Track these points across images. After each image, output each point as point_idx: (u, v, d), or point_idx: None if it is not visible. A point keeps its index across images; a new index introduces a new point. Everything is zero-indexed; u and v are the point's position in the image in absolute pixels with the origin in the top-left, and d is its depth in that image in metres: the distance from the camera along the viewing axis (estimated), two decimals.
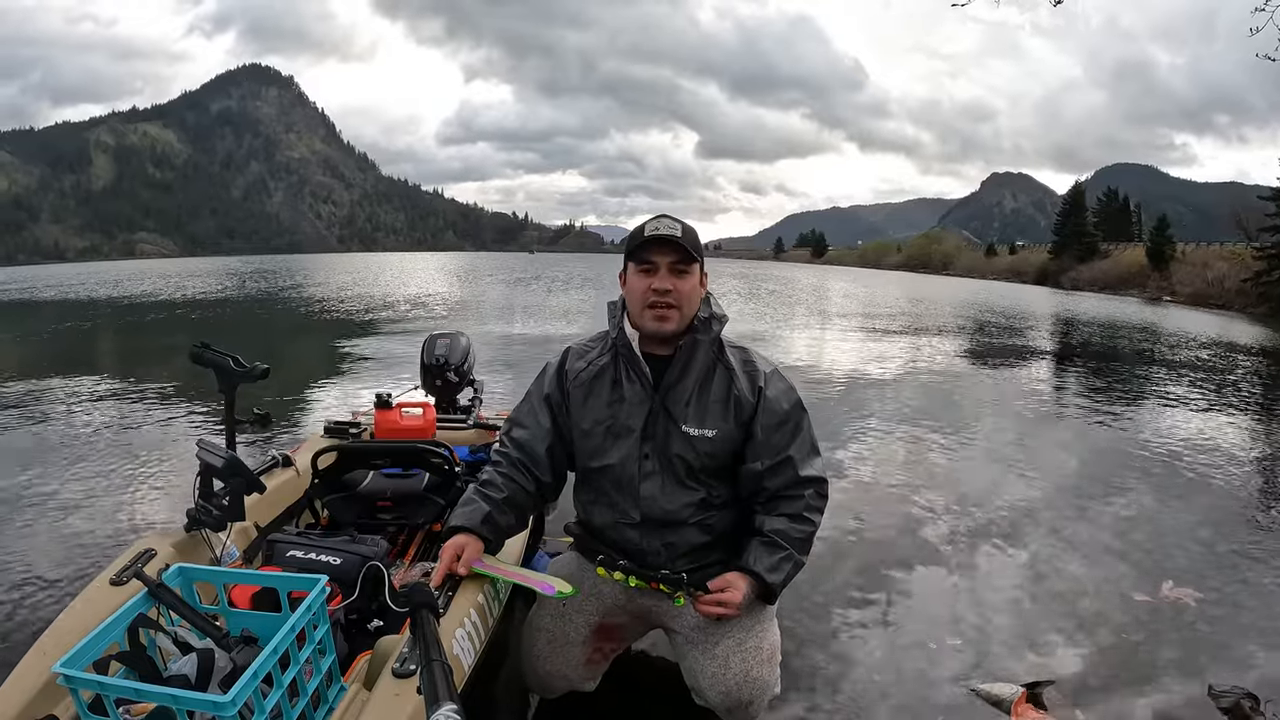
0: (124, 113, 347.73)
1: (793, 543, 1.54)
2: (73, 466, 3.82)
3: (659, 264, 1.50)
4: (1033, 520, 3.32)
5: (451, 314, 14.41)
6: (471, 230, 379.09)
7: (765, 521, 1.56)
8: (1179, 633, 2.28)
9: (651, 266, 1.51)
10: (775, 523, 1.55)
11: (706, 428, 1.53)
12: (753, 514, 1.59)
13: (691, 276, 1.53)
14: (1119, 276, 34.69)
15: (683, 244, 1.50)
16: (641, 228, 1.54)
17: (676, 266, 1.51)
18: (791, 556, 1.54)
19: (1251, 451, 4.94)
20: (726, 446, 1.55)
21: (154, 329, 12.47)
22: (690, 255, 1.51)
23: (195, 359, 2.04)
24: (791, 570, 1.55)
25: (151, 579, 1.28)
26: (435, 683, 0.85)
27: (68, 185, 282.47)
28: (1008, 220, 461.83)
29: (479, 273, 36.92)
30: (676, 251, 1.50)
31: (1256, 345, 12.89)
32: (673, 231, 1.50)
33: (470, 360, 3.30)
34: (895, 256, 70.77)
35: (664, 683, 1.82)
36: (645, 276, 1.52)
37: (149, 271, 39.45)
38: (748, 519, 1.61)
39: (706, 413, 1.54)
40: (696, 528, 1.56)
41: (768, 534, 1.54)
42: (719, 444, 1.54)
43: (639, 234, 1.54)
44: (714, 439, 1.53)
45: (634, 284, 1.54)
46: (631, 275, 1.55)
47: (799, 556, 1.56)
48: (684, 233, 1.51)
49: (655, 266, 1.51)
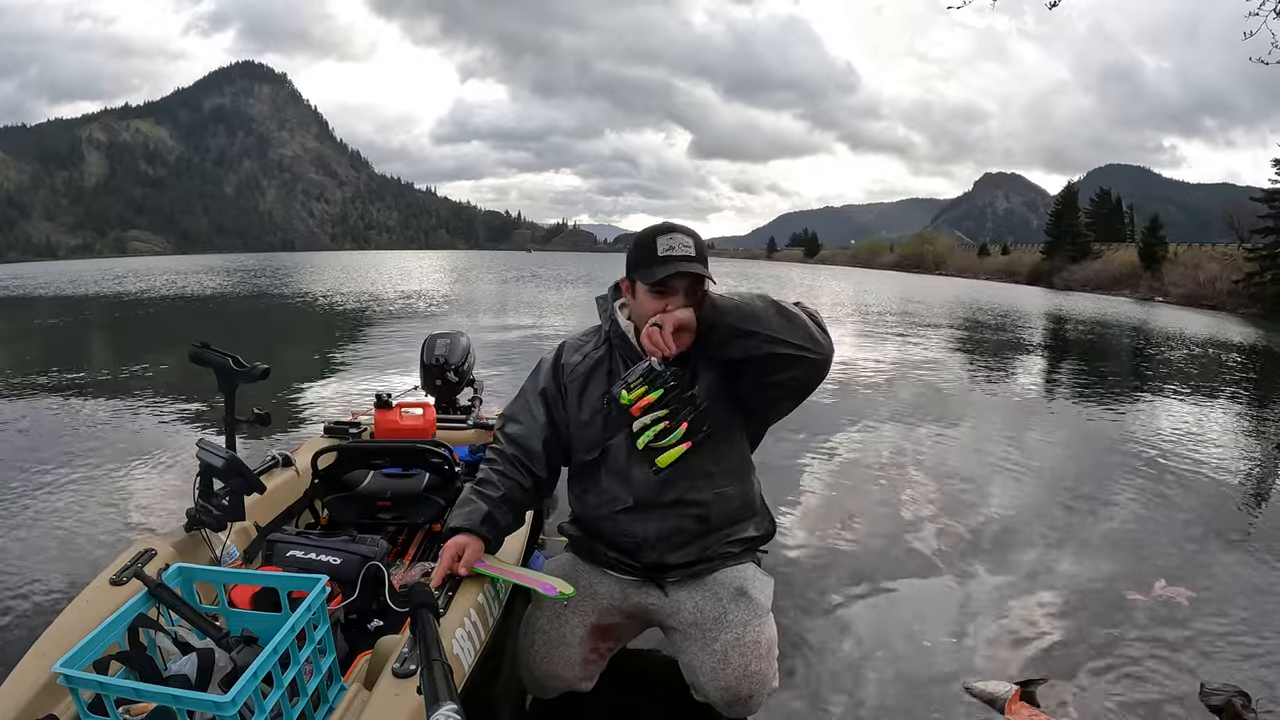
0: (116, 109, 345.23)
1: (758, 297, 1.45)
2: (72, 466, 3.79)
3: (677, 289, 1.46)
4: (1025, 519, 3.33)
5: (455, 311, 14.36)
6: (464, 229, 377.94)
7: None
8: (1171, 631, 2.30)
9: (668, 291, 1.46)
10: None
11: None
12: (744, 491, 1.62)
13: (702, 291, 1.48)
14: (1111, 277, 34.79)
15: (699, 266, 1.44)
16: (653, 240, 1.47)
17: (693, 288, 1.46)
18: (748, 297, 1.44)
19: (1244, 450, 4.98)
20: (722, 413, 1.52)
21: (152, 327, 12.39)
22: (706, 275, 1.46)
23: (195, 359, 2.04)
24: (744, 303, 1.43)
25: (151, 579, 1.28)
26: (435, 682, 0.86)
27: (59, 182, 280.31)
28: (1000, 221, 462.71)
29: (479, 271, 36.78)
30: (694, 277, 1.45)
31: (1248, 345, 12.97)
32: (687, 251, 1.44)
33: (470, 360, 3.31)
34: (888, 256, 70.84)
35: (662, 680, 1.82)
36: (659, 298, 1.46)
37: (144, 269, 39.17)
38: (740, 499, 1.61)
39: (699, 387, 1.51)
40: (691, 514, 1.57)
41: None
42: (715, 410, 1.50)
43: (649, 249, 1.46)
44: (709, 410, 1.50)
45: (645, 304, 1.48)
46: (642, 294, 1.49)
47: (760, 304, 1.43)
48: (697, 251, 1.46)
49: (673, 291, 1.46)
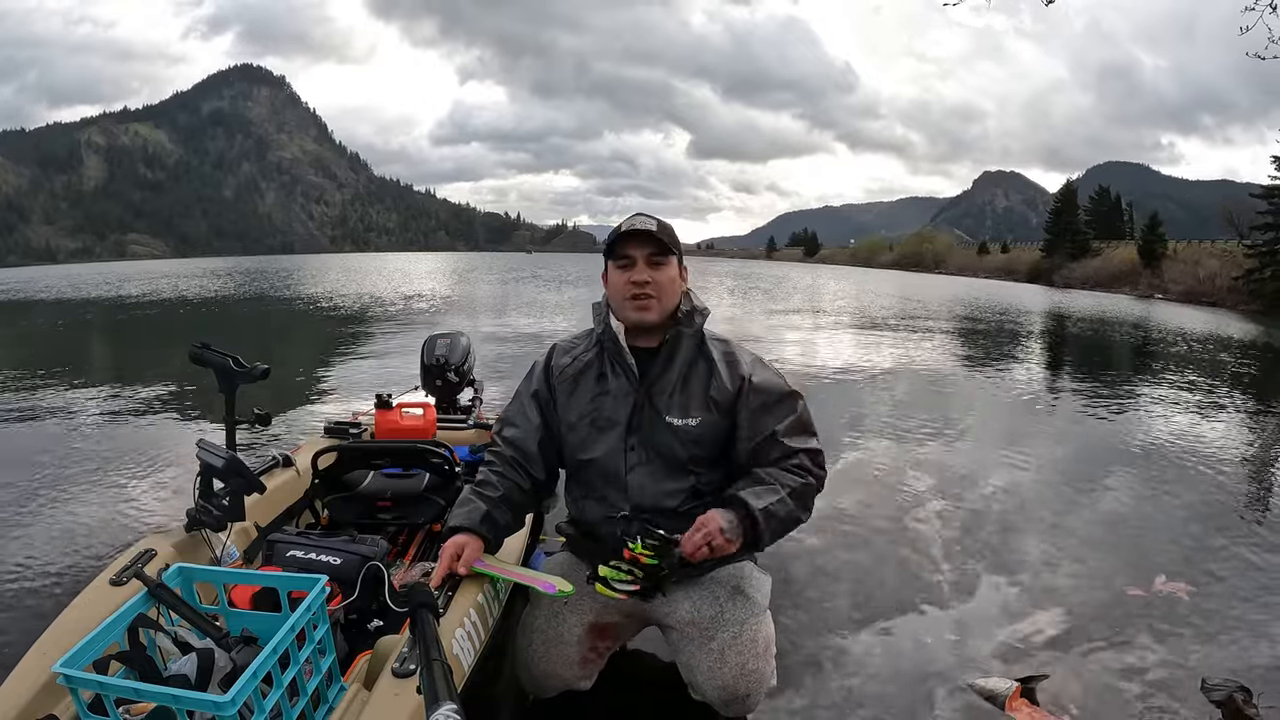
0: (115, 113, 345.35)
1: (784, 484, 1.51)
2: (72, 466, 3.80)
3: (636, 258, 1.56)
4: (1025, 514, 3.34)
5: (455, 312, 14.37)
6: (464, 230, 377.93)
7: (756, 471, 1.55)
8: (1172, 627, 2.30)
9: (629, 261, 1.56)
10: (768, 469, 1.54)
11: (690, 418, 1.56)
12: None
13: (668, 268, 1.57)
14: (1111, 274, 34.76)
15: (657, 236, 1.55)
16: (618, 226, 1.60)
17: (653, 259, 1.56)
18: (778, 491, 1.50)
19: (1243, 445, 4.98)
20: (711, 434, 1.57)
21: (151, 328, 12.40)
22: (666, 247, 1.56)
23: (195, 359, 2.04)
24: (778, 506, 1.49)
25: (151, 579, 1.28)
26: (435, 682, 0.86)
27: (59, 186, 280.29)
28: (999, 219, 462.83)
29: (479, 273, 36.81)
30: (651, 244, 1.56)
31: (1248, 341, 12.97)
32: (647, 226, 1.56)
33: (470, 360, 3.32)
34: (887, 255, 70.85)
35: (661, 679, 1.82)
36: (624, 271, 1.57)
37: (144, 272, 39.19)
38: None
39: (690, 403, 1.57)
40: (686, 517, 1.57)
41: (757, 473, 1.54)
42: (704, 431, 1.56)
43: (615, 232, 1.60)
44: (698, 427, 1.56)
45: (614, 279, 1.59)
46: (611, 271, 1.61)
47: (789, 500, 1.51)
48: (659, 227, 1.56)
49: (632, 260, 1.56)
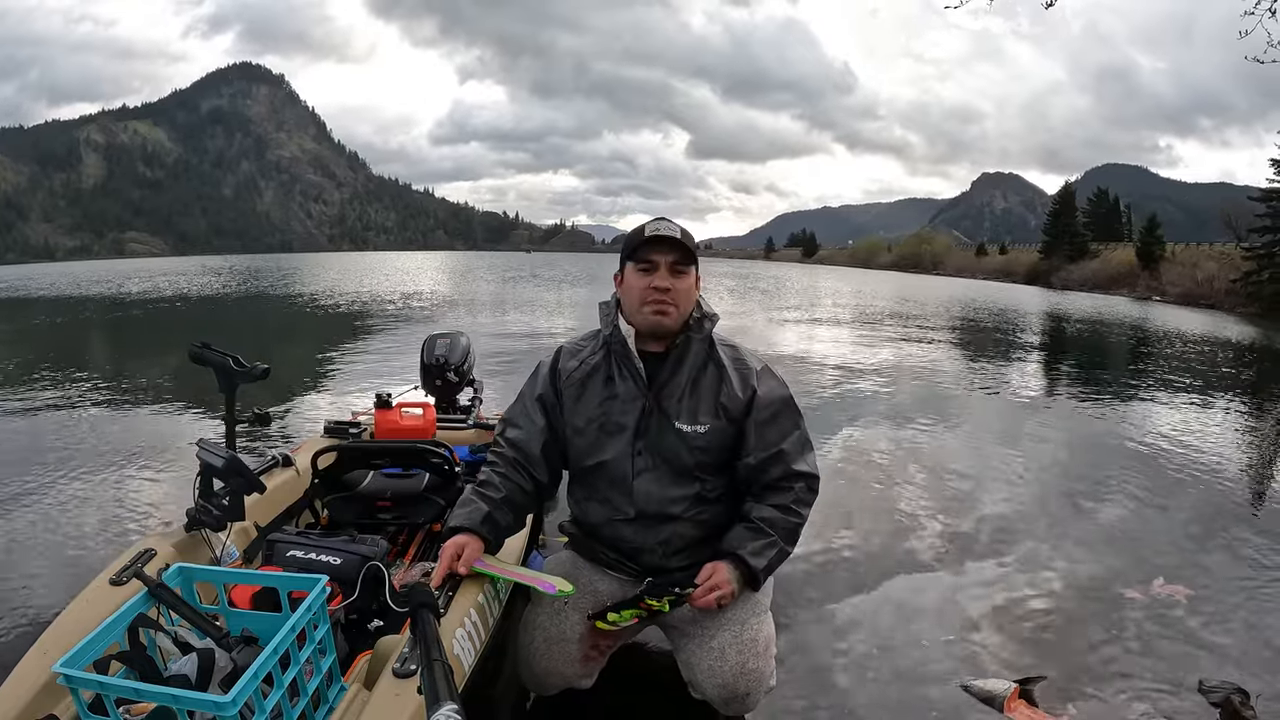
0: (114, 111, 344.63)
1: (779, 531, 1.57)
2: (72, 466, 3.79)
3: (659, 263, 1.54)
4: (1023, 517, 3.34)
5: (455, 311, 14.35)
6: (462, 229, 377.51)
7: (754, 509, 1.58)
8: (1170, 629, 2.31)
9: (651, 265, 1.55)
10: (764, 511, 1.58)
11: (699, 424, 1.56)
12: (742, 502, 1.62)
13: (689, 277, 1.57)
14: (1109, 276, 34.82)
15: (683, 243, 1.54)
16: (641, 229, 1.58)
17: (676, 266, 1.55)
18: (776, 544, 1.56)
19: (1241, 448, 4.99)
20: (718, 441, 1.57)
21: (150, 327, 12.38)
22: (690, 256, 1.56)
23: (195, 358, 2.04)
24: (775, 558, 1.57)
25: (151, 579, 1.28)
26: (435, 682, 0.86)
27: (57, 184, 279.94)
28: (998, 220, 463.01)
29: (478, 272, 36.79)
30: (676, 251, 1.54)
31: (1245, 343, 12.99)
32: (672, 232, 1.55)
33: (470, 360, 3.31)
34: (886, 256, 70.90)
35: (661, 677, 1.82)
36: (645, 275, 1.55)
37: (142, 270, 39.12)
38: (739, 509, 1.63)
39: (699, 409, 1.57)
40: (690, 522, 1.59)
41: (755, 520, 1.57)
42: (711, 439, 1.56)
43: (639, 234, 1.57)
44: (706, 434, 1.56)
45: (633, 282, 1.57)
46: (630, 274, 1.58)
47: (784, 545, 1.58)
48: (683, 234, 1.56)
49: (655, 265, 1.54)
